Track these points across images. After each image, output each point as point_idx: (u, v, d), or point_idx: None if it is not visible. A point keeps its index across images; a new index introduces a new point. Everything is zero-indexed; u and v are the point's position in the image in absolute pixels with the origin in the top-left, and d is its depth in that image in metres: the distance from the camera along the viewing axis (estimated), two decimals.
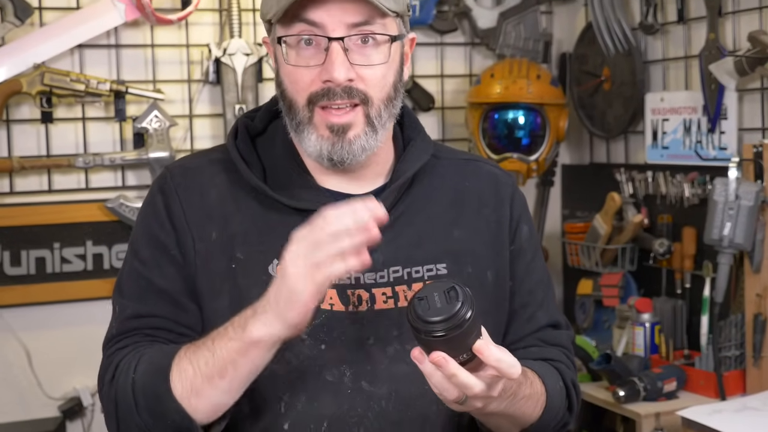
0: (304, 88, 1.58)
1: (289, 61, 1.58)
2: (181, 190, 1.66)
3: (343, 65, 1.54)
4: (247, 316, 1.45)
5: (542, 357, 1.74)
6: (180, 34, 3.33)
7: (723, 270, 2.96)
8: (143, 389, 1.51)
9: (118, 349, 1.60)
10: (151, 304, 1.61)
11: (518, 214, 1.78)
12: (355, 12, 1.54)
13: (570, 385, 1.75)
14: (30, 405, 3.22)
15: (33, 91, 3.08)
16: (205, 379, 1.47)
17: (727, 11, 3.09)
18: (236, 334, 1.45)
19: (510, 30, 3.69)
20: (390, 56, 1.59)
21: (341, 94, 1.56)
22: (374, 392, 1.60)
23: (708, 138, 3.16)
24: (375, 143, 1.61)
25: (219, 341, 1.47)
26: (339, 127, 1.57)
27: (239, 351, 1.45)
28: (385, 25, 1.58)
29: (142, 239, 1.66)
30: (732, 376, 2.97)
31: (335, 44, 1.54)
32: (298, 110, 1.60)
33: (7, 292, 3.16)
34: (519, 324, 1.76)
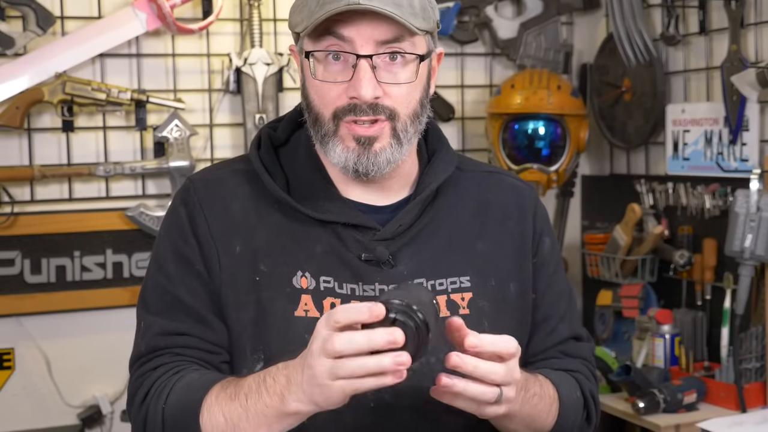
0: (330, 102, 1.58)
1: (317, 76, 1.58)
2: (205, 202, 1.65)
3: (370, 83, 1.54)
4: (282, 385, 1.41)
5: (562, 368, 1.74)
6: (201, 44, 3.35)
7: (744, 282, 2.95)
8: (173, 422, 1.51)
9: (150, 370, 1.60)
10: (178, 321, 1.61)
11: (541, 227, 1.78)
12: (384, 30, 1.54)
13: (588, 396, 1.75)
14: (49, 413, 3.23)
15: (54, 100, 3.09)
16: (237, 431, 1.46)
17: (749, 22, 3.08)
18: (272, 402, 1.42)
19: (531, 40, 3.69)
20: (417, 75, 1.59)
21: (367, 110, 1.56)
22: (397, 405, 1.59)
23: (729, 149, 3.15)
24: (400, 156, 1.61)
25: (253, 401, 1.44)
26: (365, 139, 1.57)
27: (276, 418, 1.43)
28: (414, 43, 1.58)
29: (167, 253, 1.65)
30: (752, 388, 2.96)
31: (363, 62, 1.54)
32: (323, 123, 1.59)
33: (28, 300, 3.17)
34: (541, 337, 1.76)
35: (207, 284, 1.61)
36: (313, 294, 1.59)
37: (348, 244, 1.62)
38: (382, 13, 1.51)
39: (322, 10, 1.53)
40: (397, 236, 1.65)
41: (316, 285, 1.60)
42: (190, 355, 1.59)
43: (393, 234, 1.64)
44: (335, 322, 1.32)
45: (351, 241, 1.62)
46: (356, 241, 1.62)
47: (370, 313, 1.31)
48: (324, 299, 1.59)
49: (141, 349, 1.63)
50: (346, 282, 1.60)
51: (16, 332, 3.19)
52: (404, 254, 1.64)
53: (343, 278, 1.61)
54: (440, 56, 1.71)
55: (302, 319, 1.58)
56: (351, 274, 1.61)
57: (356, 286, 1.61)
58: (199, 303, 1.61)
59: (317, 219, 1.63)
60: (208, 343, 1.60)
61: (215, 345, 1.61)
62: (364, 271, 1.61)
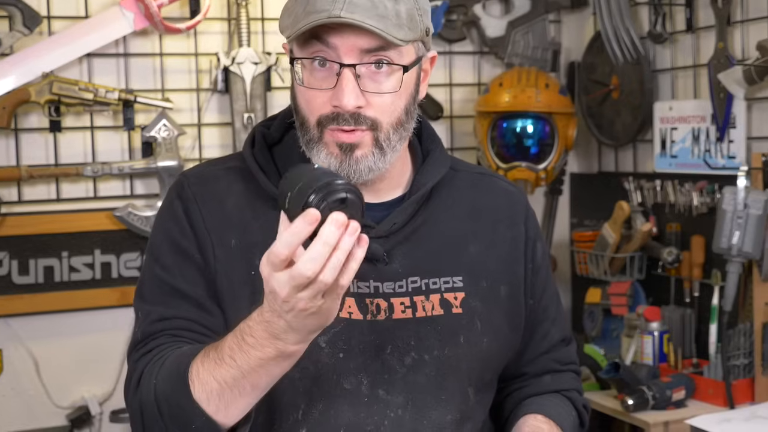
0: (315, 109, 1.58)
1: (303, 82, 1.59)
2: (200, 196, 1.66)
3: (352, 92, 1.54)
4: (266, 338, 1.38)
5: (555, 389, 1.82)
6: (189, 43, 3.34)
7: (732, 279, 2.96)
8: (165, 396, 1.49)
9: (143, 354, 1.59)
10: (175, 306, 1.61)
11: (533, 233, 1.81)
12: (369, 40, 1.54)
13: (582, 409, 1.84)
14: (38, 414, 3.22)
15: (41, 100, 3.09)
16: (236, 391, 1.43)
17: (735, 20, 3.09)
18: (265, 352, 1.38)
19: (518, 39, 3.69)
20: (402, 85, 1.59)
21: (349, 119, 1.56)
22: (391, 401, 1.61)
23: (717, 147, 3.15)
24: (383, 165, 1.61)
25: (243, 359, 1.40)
26: (347, 146, 1.57)
27: (276, 362, 1.40)
28: (400, 52, 1.58)
29: (163, 245, 1.66)
30: (741, 384, 2.97)
31: (346, 71, 1.54)
32: (309, 128, 1.60)
33: (15, 301, 3.16)
34: (535, 342, 1.82)
35: (204, 273, 1.62)
36: None
37: None
38: (364, 27, 1.51)
39: (306, 19, 1.53)
40: (392, 234, 1.66)
41: None
42: (187, 336, 1.59)
43: (387, 232, 1.65)
44: (282, 260, 1.29)
45: None
46: None
47: (307, 224, 1.28)
48: None
49: (137, 337, 1.63)
50: None
51: (4, 333, 3.18)
52: (398, 252, 1.66)
53: None
54: (433, 59, 1.70)
55: None
56: None
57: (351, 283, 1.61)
58: (198, 291, 1.61)
59: None
60: (205, 327, 1.60)
61: (212, 330, 1.60)
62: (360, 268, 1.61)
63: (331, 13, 1.50)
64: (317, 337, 1.56)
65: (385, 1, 1.53)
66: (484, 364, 1.70)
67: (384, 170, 1.62)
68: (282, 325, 1.35)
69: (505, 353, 1.76)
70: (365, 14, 1.51)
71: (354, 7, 1.51)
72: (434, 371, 1.63)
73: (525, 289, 1.77)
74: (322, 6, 1.52)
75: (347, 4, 1.51)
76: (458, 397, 1.66)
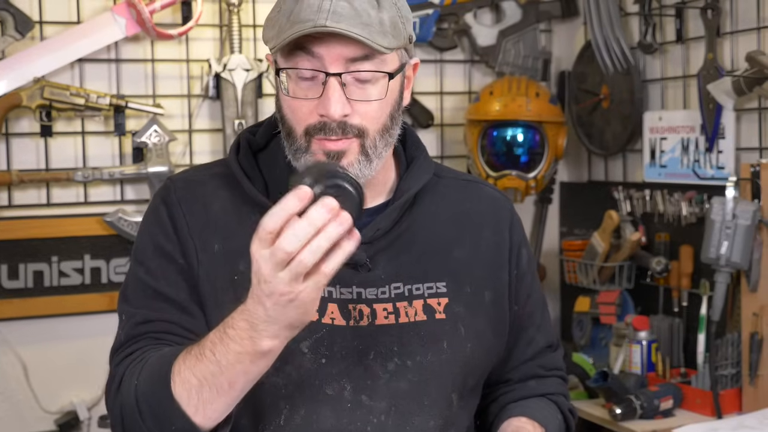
0: (302, 119, 1.59)
1: (288, 92, 1.59)
2: (184, 201, 1.67)
3: (339, 101, 1.55)
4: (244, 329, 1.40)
5: (541, 393, 1.82)
6: (180, 49, 3.34)
7: (720, 289, 2.97)
8: (146, 396, 1.49)
9: (124, 357, 1.60)
10: (158, 309, 1.62)
11: (518, 239, 1.81)
12: (354, 49, 1.55)
13: (567, 413, 1.84)
14: (26, 418, 3.21)
15: (33, 104, 3.08)
16: (214, 389, 1.44)
17: (725, 31, 3.10)
18: (242, 347, 1.40)
19: (509, 48, 3.70)
20: (387, 92, 1.60)
21: (336, 129, 1.57)
22: (374, 406, 1.61)
23: (706, 157, 3.17)
24: (369, 172, 1.62)
25: (222, 353, 1.42)
26: (334, 153, 1.58)
27: (251, 360, 1.41)
28: (384, 60, 1.59)
29: (147, 250, 1.66)
30: (728, 394, 2.97)
31: (332, 80, 1.55)
32: (296, 138, 1.61)
33: (5, 306, 3.15)
34: (519, 348, 1.82)
35: (188, 277, 1.63)
36: None
37: None
38: (349, 36, 1.52)
39: (291, 30, 1.54)
40: (375, 240, 1.66)
41: None
42: (169, 339, 1.60)
43: (371, 238, 1.65)
44: (269, 232, 1.30)
45: None
46: None
47: (299, 200, 1.30)
48: None
49: (120, 340, 1.63)
50: None
51: None
52: (382, 258, 1.66)
53: None
54: (416, 66, 1.71)
55: None
56: None
57: (333, 289, 1.63)
58: (181, 295, 1.62)
59: None
60: (187, 330, 1.61)
61: (194, 332, 1.60)
62: (342, 274, 1.60)
63: (316, 22, 1.51)
64: (300, 342, 1.57)
65: (368, 10, 1.54)
66: (468, 369, 1.70)
67: (370, 177, 1.63)
68: (261, 313, 1.36)
69: (490, 359, 1.76)
70: (350, 23, 1.52)
71: (338, 17, 1.52)
72: (417, 377, 1.63)
73: (509, 295, 1.77)
74: (306, 16, 1.52)
75: (331, 14, 1.52)
76: (441, 403, 1.66)
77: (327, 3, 1.53)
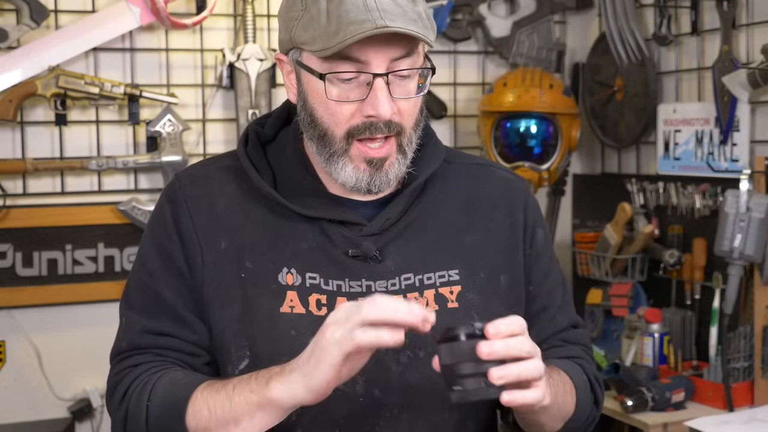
0: (343, 121, 1.55)
1: (332, 96, 1.54)
2: (190, 199, 1.65)
3: (388, 101, 1.52)
4: (273, 373, 1.44)
5: (563, 356, 1.75)
6: (194, 39, 3.35)
7: (733, 281, 2.96)
8: (158, 420, 1.51)
9: (129, 367, 1.61)
10: (159, 320, 1.61)
11: (533, 219, 1.77)
12: (399, 47, 1.52)
13: (593, 379, 1.76)
14: (40, 406, 3.23)
15: (48, 93, 3.10)
16: (219, 423, 1.46)
17: (740, 23, 3.09)
18: (258, 387, 1.43)
19: (523, 39, 3.70)
20: (423, 87, 1.58)
21: (383, 128, 1.54)
22: (387, 401, 1.59)
23: (720, 150, 3.16)
24: (405, 167, 1.61)
25: (239, 390, 1.45)
26: (377, 161, 1.57)
27: (258, 405, 1.43)
28: (418, 56, 1.57)
29: (150, 250, 1.66)
30: (740, 387, 2.97)
31: (379, 80, 1.52)
32: (334, 141, 1.57)
33: (19, 293, 3.17)
34: (540, 327, 1.75)
35: (187, 282, 1.62)
36: (299, 290, 1.59)
37: (335, 240, 1.62)
38: (410, 34, 1.49)
39: (344, 33, 1.48)
40: (384, 231, 1.64)
41: (302, 281, 1.60)
42: (171, 356, 1.60)
43: (380, 229, 1.64)
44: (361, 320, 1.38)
45: (338, 237, 1.62)
46: (343, 237, 1.62)
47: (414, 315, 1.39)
48: (309, 295, 1.59)
49: (122, 345, 1.64)
50: (332, 278, 1.60)
51: (8, 325, 3.19)
52: (391, 249, 1.64)
53: (329, 274, 1.60)
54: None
55: (288, 316, 1.58)
56: (337, 270, 1.61)
57: (342, 282, 1.61)
58: (179, 301, 1.61)
59: (304, 215, 1.62)
60: (188, 344, 1.61)
61: (196, 346, 1.61)
62: (351, 267, 1.61)
63: (376, 23, 1.47)
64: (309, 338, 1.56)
65: (408, 4, 1.52)
66: None
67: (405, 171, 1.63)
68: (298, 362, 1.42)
69: None
70: (402, 20, 1.49)
71: (390, 14, 1.48)
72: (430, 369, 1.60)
73: (525, 275, 1.74)
74: (356, 16, 1.47)
75: (383, 12, 1.48)
76: None
77: (372, 1, 1.48)
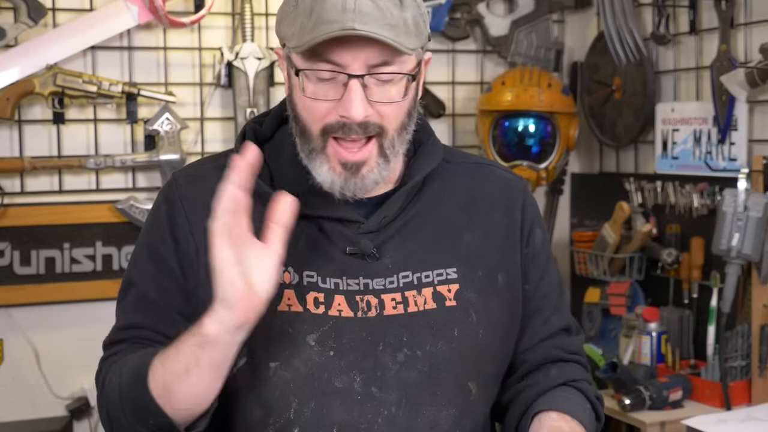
0: (319, 119, 1.55)
1: (307, 93, 1.55)
2: (186, 199, 1.65)
3: (361, 104, 1.51)
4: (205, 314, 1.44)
5: (564, 380, 1.75)
6: (192, 38, 3.35)
7: (730, 280, 2.96)
8: (127, 393, 1.51)
9: (108, 356, 1.63)
10: (142, 315, 1.62)
11: (531, 219, 1.77)
12: (377, 52, 1.51)
13: (594, 400, 1.76)
14: (38, 404, 3.23)
15: (45, 91, 3.10)
16: (172, 376, 1.45)
17: (739, 23, 3.09)
18: (195, 329, 1.43)
19: (522, 38, 3.70)
20: (406, 92, 1.57)
21: (357, 129, 1.54)
22: (384, 398, 1.59)
23: (718, 149, 3.16)
24: (387, 173, 1.60)
25: (183, 339, 1.45)
26: (352, 165, 1.56)
27: (198, 345, 1.42)
28: (404, 60, 1.55)
29: (144, 250, 1.66)
30: (737, 386, 2.97)
31: (354, 82, 1.51)
32: (312, 138, 1.57)
33: (17, 292, 3.17)
34: (533, 329, 1.76)
35: (178, 283, 1.62)
36: (296, 289, 1.59)
37: (332, 237, 1.62)
38: (378, 39, 1.48)
39: (315, 32, 1.49)
40: (382, 228, 1.64)
41: (299, 280, 1.60)
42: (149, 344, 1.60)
43: (377, 226, 1.63)
44: None
45: (335, 234, 1.62)
46: (340, 235, 1.62)
47: None
48: (307, 294, 1.59)
49: (106, 341, 1.67)
50: (329, 276, 1.60)
51: (6, 323, 3.19)
52: (389, 247, 1.63)
53: (327, 272, 1.60)
54: (428, 61, 1.68)
55: (285, 314, 1.58)
56: (335, 268, 1.61)
57: (340, 281, 1.60)
58: (167, 302, 1.62)
59: (301, 213, 1.62)
60: (169, 339, 1.59)
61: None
62: (349, 265, 1.61)
63: (344, 24, 1.47)
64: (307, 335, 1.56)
65: (392, 9, 1.50)
66: (483, 357, 1.67)
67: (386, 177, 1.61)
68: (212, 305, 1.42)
69: (507, 343, 1.72)
70: (377, 24, 1.48)
71: (365, 17, 1.47)
72: (428, 367, 1.61)
73: (522, 274, 1.73)
74: (331, 16, 1.48)
75: (358, 15, 1.47)
76: (455, 393, 1.63)
77: (351, 2, 1.48)
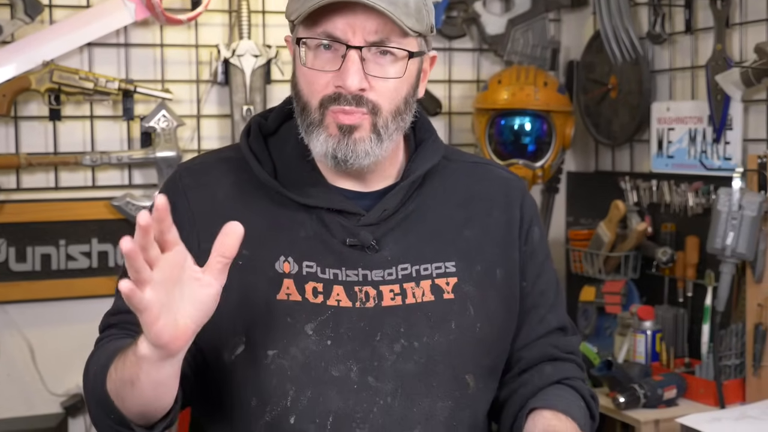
0: (318, 91, 1.59)
1: (307, 63, 1.60)
2: (189, 188, 1.68)
3: (357, 74, 1.56)
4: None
5: (558, 378, 1.77)
6: (189, 35, 3.35)
7: (725, 279, 2.97)
8: (94, 386, 1.52)
9: (100, 339, 1.65)
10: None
11: (529, 217, 1.80)
12: (377, 25, 1.56)
13: (589, 398, 1.78)
14: (33, 401, 3.23)
15: (42, 88, 3.10)
16: (121, 383, 1.45)
17: (734, 22, 3.10)
18: (135, 344, 1.40)
19: (518, 37, 3.70)
20: (406, 72, 1.61)
21: (351, 101, 1.57)
22: (380, 388, 1.61)
23: (713, 148, 3.17)
24: (380, 152, 1.62)
25: (130, 351, 1.42)
26: (347, 127, 1.58)
27: (136, 363, 1.40)
28: (404, 43, 1.60)
29: None
30: (732, 384, 2.98)
31: (352, 52, 1.56)
32: (310, 111, 1.61)
33: (12, 288, 3.17)
34: (530, 326, 1.78)
35: None
36: (295, 278, 1.61)
37: (332, 229, 1.64)
38: (374, 7, 1.53)
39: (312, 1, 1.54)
40: (382, 221, 1.66)
41: (299, 270, 1.62)
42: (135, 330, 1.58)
43: (378, 219, 1.66)
44: None
45: (336, 226, 1.65)
46: (341, 227, 1.65)
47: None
48: (306, 284, 1.61)
49: (100, 327, 1.69)
50: (329, 267, 1.62)
51: (1, 320, 3.19)
52: (389, 239, 1.66)
53: (326, 263, 1.63)
54: (433, 60, 1.72)
55: (284, 303, 1.60)
56: (334, 259, 1.63)
57: (339, 271, 1.63)
58: None
59: (302, 204, 1.65)
60: None
61: None
62: (348, 256, 1.63)
63: None
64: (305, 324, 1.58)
65: None
66: (480, 349, 1.69)
67: (379, 157, 1.63)
68: None
69: (504, 337, 1.74)
70: None
71: None
72: (424, 358, 1.63)
73: (519, 272, 1.76)
74: None
75: None
76: (451, 385, 1.65)
77: None
